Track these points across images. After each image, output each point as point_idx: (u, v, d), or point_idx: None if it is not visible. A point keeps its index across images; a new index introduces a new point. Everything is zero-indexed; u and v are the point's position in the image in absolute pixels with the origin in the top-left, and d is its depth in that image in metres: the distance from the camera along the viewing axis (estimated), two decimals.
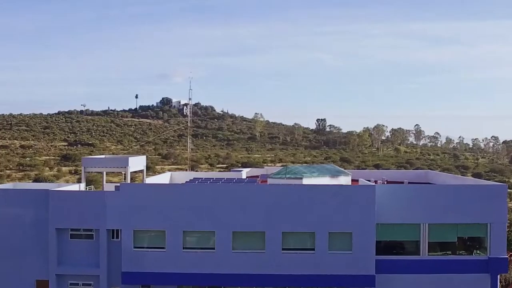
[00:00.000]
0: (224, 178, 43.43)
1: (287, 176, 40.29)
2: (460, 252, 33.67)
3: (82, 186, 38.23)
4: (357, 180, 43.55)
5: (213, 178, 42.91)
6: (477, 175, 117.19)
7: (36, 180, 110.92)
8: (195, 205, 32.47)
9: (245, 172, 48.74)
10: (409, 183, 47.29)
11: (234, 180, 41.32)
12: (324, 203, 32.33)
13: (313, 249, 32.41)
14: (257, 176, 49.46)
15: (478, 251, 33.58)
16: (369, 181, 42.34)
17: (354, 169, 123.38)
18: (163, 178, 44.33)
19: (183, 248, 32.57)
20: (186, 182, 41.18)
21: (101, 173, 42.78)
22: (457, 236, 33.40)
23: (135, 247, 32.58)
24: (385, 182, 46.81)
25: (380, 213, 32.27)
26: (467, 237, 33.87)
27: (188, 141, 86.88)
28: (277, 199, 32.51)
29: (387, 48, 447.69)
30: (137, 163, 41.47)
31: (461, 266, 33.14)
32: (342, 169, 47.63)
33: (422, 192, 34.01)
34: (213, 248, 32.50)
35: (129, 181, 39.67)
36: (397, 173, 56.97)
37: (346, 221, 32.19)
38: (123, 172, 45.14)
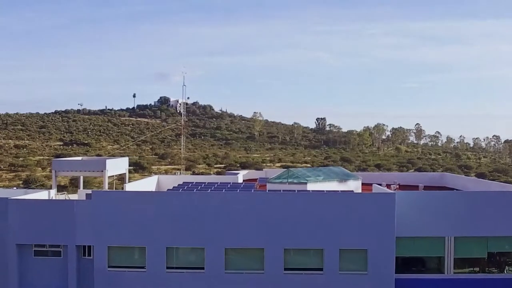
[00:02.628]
0: (218, 183, 38.68)
1: (289, 180, 35.47)
2: (490, 269, 29.96)
3: (52, 193, 33.26)
4: (368, 185, 39.15)
5: (204, 183, 38.05)
6: (480, 175, 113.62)
7: (26, 181, 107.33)
8: (181, 216, 28.17)
9: (241, 175, 43.86)
10: (424, 187, 42.77)
11: (229, 185, 36.36)
12: (334, 213, 28.05)
13: (321, 269, 28.18)
14: (255, 180, 44.63)
15: (511, 269, 30.07)
16: (379, 185, 38.20)
17: (355, 169, 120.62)
18: (149, 183, 39.33)
19: (167, 267, 28.32)
20: (173, 187, 36.19)
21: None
22: (487, 251, 29.58)
23: (110, 267, 28.38)
24: (397, 186, 42.12)
25: (398, 225, 28.30)
26: (497, 252, 29.99)
27: (182, 139, 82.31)
28: (278, 209, 28.27)
29: (387, 47, 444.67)
30: (117, 165, 36.65)
31: (491, 285, 29.33)
32: (351, 172, 42.73)
33: (446, 199, 29.90)
34: (202, 268, 28.30)
35: (106, 187, 34.76)
36: (409, 175, 52.58)
37: (361, 236, 27.88)
38: (114, 174, 40.27)
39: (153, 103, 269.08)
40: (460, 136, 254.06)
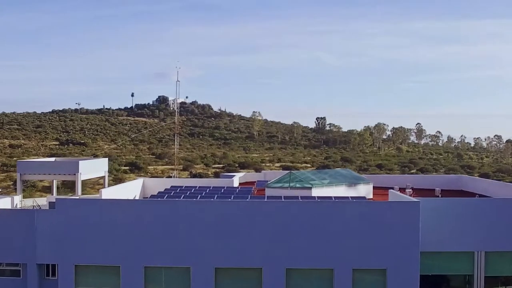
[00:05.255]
0: (210, 187, 34.22)
1: (291, 185, 30.98)
2: None
3: (17, 200, 28.79)
4: (378, 189, 34.87)
5: (195, 187, 33.69)
6: (484, 176, 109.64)
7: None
8: (163, 230, 24.00)
9: (237, 178, 39.36)
10: (441, 191, 38.39)
11: (222, 190, 31.88)
12: (347, 226, 23.88)
13: None
14: (253, 183, 40.09)
15: None
16: (391, 189, 34.02)
17: (356, 169, 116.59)
18: (131, 188, 34.59)
19: None
20: (158, 193, 31.65)
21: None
22: None
23: None
24: (411, 190, 37.68)
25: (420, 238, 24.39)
26: None
27: (176, 138, 77.99)
28: (279, 220, 24.07)
29: (387, 47, 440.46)
30: (93, 167, 32.13)
31: None
32: (360, 175, 38.26)
33: (476, 208, 26.15)
34: None
35: (79, 193, 30.23)
36: (422, 178, 48.29)
37: (379, 253, 23.74)
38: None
39: (151, 103, 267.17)
40: (461, 136, 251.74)
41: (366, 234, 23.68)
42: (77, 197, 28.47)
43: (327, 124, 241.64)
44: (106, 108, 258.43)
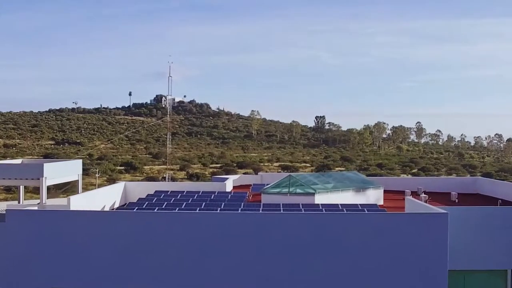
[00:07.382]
0: (199, 192, 30.24)
1: (291, 190, 26.99)
2: None
3: None
4: (388, 193, 31.18)
5: (182, 192, 29.65)
6: (487, 175, 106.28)
7: None
8: (137, 248, 19.76)
9: (231, 182, 35.24)
10: (458, 195, 34.52)
11: (212, 196, 27.90)
12: (359, 242, 19.75)
13: None
14: (248, 187, 36.08)
15: None
16: (401, 193, 30.22)
17: (356, 169, 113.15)
18: (111, 193, 30.21)
19: None
20: (138, 200, 27.61)
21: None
22: None
23: None
24: (426, 195, 33.73)
25: None
26: None
27: (168, 136, 74.54)
28: (277, 235, 19.86)
29: (387, 46, 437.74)
30: (63, 171, 27.91)
31: None
32: (369, 178, 34.23)
33: (508, 217, 22.31)
34: None
35: (44, 199, 26.12)
36: (435, 180, 44.10)
37: (398, 275, 19.60)
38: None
39: (149, 102, 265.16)
40: (461, 135, 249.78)
41: (382, 251, 19.55)
42: (34, 207, 24.15)
43: (327, 123, 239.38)
44: (104, 107, 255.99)
